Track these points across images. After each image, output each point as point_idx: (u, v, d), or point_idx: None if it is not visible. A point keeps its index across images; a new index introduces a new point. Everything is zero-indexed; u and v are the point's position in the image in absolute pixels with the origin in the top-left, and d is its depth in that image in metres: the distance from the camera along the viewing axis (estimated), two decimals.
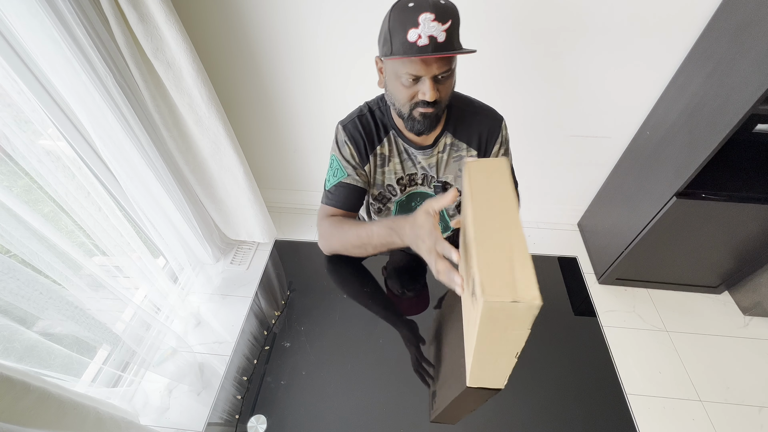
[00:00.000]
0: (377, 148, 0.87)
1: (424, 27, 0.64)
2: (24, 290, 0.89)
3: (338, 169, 0.88)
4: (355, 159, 0.87)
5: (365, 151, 0.87)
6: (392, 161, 0.89)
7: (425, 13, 0.63)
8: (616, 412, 0.67)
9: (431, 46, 0.65)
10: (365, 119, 0.86)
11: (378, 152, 0.88)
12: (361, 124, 0.85)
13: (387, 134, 0.87)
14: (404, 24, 0.65)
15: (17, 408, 0.70)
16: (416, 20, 0.64)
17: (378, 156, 0.88)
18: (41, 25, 0.95)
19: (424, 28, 0.64)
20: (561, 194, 1.92)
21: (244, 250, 1.93)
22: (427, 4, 0.64)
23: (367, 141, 0.86)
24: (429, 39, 0.64)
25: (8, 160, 1.00)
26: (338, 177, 0.87)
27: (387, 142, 0.87)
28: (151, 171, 1.33)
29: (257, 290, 0.87)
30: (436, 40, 0.65)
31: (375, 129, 0.86)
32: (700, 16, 1.24)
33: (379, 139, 0.87)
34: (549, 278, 0.89)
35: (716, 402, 1.42)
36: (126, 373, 1.37)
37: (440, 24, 0.64)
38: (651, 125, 1.50)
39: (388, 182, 0.91)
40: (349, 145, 0.86)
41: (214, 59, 1.49)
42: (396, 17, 0.66)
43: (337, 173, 0.88)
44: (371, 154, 0.88)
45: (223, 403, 0.69)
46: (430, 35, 0.64)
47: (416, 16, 0.64)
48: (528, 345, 0.76)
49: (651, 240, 1.48)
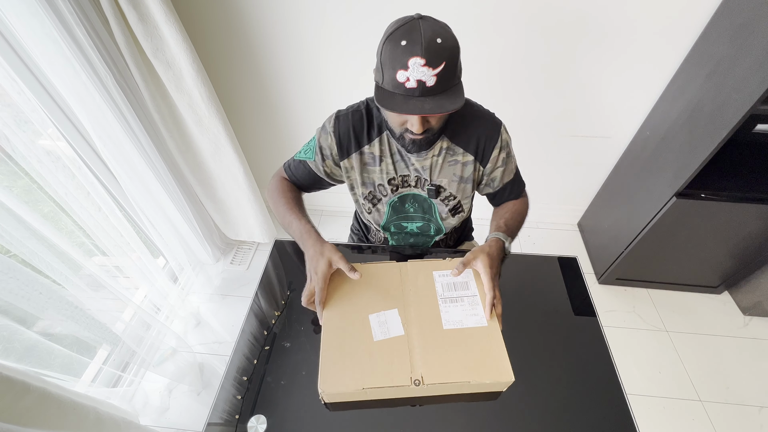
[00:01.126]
0: (364, 147, 0.86)
1: (413, 71, 0.61)
2: (24, 290, 0.89)
3: (310, 149, 0.90)
4: (332, 150, 0.87)
5: (347, 148, 0.86)
6: (384, 161, 0.87)
7: (416, 57, 0.60)
8: (616, 412, 0.67)
9: (419, 90, 0.63)
10: (358, 116, 0.85)
11: (366, 151, 0.87)
12: (352, 121, 0.84)
13: (380, 134, 0.85)
14: (394, 63, 0.63)
15: (17, 408, 0.70)
16: (406, 63, 0.61)
17: (365, 155, 0.87)
18: (41, 25, 0.95)
19: (413, 72, 0.61)
20: (561, 194, 1.92)
21: (244, 250, 1.93)
22: (420, 46, 0.60)
23: (353, 139, 0.85)
24: (417, 83, 0.62)
25: (8, 160, 1.00)
26: (306, 156, 0.91)
27: (378, 142, 0.86)
28: (151, 171, 1.33)
29: (257, 290, 0.87)
30: (424, 85, 0.63)
31: (367, 128, 0.85)
32: (700, 17, 1.24)
33: (369, 138, 0.86)
34: (549, 278, 0.89)
35: (716, 402, 1.42)
36: (126, 373, 1.37)
37: (431, 69, 0.61)
38: (651, 125, 1.50)
39: (379, 182, 0.90)
40: (332, 137, 0.85)
41: (214, 59, 1.49)
42: (388, 52, 0.63)
43: (308, 153, 0.91)
44: (355, 152, 0.86)
45: (223, 403, 0.69)
46: (418, 79, 0.62)
47: (406, 58, 0.61)
48: (528, 345, 0.76)
49: (651, 240, 1.48)
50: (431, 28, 0.63)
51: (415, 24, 0.63)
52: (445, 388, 0.65)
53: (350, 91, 1.56)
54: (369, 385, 0.63)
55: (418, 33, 0.61)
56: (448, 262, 0.83)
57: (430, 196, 0.91)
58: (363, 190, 0.92)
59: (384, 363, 0.66)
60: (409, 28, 0.62)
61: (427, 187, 0.90)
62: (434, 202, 0.93)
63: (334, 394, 0.65)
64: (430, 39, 0.61)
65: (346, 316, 0.73)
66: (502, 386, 0.67)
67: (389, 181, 0.90)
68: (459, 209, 0.94)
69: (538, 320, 0.81)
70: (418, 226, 1.00)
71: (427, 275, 0.80)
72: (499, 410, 0.67)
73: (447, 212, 0.95)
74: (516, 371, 0.66)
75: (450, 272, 0.80)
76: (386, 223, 0.99)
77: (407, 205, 0.95)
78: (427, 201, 0.94)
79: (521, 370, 0.68)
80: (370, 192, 0.93)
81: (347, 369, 0.66)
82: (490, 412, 0.67)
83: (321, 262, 0.75)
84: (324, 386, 0.64)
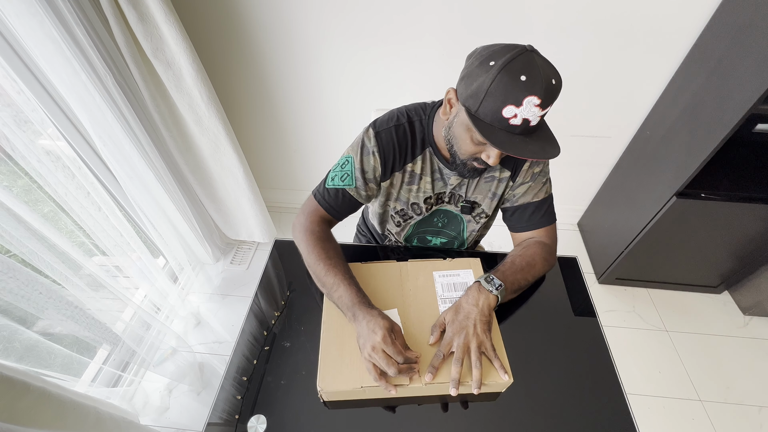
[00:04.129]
0: (408, 165, 0.81)
1: (525, 109, 0.58)
2: (24, 290, 0.89)
3: (348, 174, 0.80)
4: (375, 172, 0.80)
5: (392, 166, 0.80)
6: (423, 179, 0.82)
7: (533, 96, 0.57)
8: (616, 412, 0.67)
9: (521, 128, 0.60)
10: (402, 131, 0.78)
11: (408, 169, 0.81)
12: (396, 136, 0.78)
13: (423, 151, 0.79)
14: (506, 97, 0.58)
15: (17, 408, 0.70)
16: (521, 100, 0.57)
17: (407, 173, 0.82)
18: (41, 25, 0.95)
19: (525, 111, 0.58)
20: (561, 194, 1.90)
21: (244, 250, 1.93)
22: (540, 85, 0.56)
23: (398, 156, 0.79)
24: (522, 121, 0.59)
25: (8, 160, 1.00)
26: (345, 183, 0.80)
27: (421, 160, 0.80)
28: (151, 171, 1.33)
29: (257, 290, 0.87)
30: (528, 123, 0.60)
31: (411, 144, 0.79)
32: (700, 16, 1.24)
33: (413, 155, 0.80)
34: (549, 278, 0.89)
35: (716, 402, 1.42)
36: (126, 373, 1.37)
37: (541, 110, 0.58)
38: (651, 125, 1.50)
39: (414, 200, 0.85)
40: (376, 156, 0.78)
41: (214, 59, 1.49)
42: (501, 83, 0.57)
43: (345, 178, 0.80)
44: (399, 171, 0.81)
45: (223, 403, 0.69)
46: (525, 118, 0.59)
47: (523, 96, 0.57)
48: (528, 345, 0.76)
49: (651, 240, 1.48)
50: (547, 65, 0.59)
51: (532, 58, 0.58)
52: (444, 387, 0.65)
53: (350, 91, 1.56)
54: (368, 384, 0.64)
55: (538, 70, 0.57)
56: (449, 262, 0.83)
57: (464, 212, 0.88)
58: (396, 205, 0.88)
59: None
60: (528, 62, 0.57)
61: (461, 203, 0.86)
62: (464, 219, 0.90)
63: (333, 393, 0.65)
64: (547, 78, 0.58)
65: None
66: (500, 387, 0.67)
67: (425, 200, 0.86)
68: (487, 228, 0.91)
69: (538, 320, 0.81)
70: (443, 241, 0.97)
71: (427, 275, 0.80)
72: (499, 410, 0.67)
73: (476, 230, 0.92)
74: (516, 371, 0.66)
75: (450, 272, 0.80)
76: (410, 235, 0.96)
77: (435, 219, 0.92)
78: (457, 217, 0.90)
79: (521, 370, 0.68)
80: (402, 209, 0.89)
81: (346, 368, 0.66)
82: (490, 412, 0.67)
83: (380, 332, 0.63)
84: (323, 384, 0.64)
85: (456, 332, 0.67)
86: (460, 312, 0.69)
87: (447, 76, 0.90)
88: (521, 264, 0.77)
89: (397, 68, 1.46)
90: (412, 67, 1.45)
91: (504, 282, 0.72)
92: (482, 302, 0.69)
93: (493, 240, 1.33)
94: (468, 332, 0.66)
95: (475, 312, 0.68)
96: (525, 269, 0.77)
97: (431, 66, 1.44)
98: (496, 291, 0.70)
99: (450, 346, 0.66)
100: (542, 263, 0.79)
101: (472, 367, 0.64)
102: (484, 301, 0.69)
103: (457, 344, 0.65)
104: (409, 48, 1.40)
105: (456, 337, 0.66)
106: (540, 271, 0.79)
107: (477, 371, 0.63)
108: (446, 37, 1.36)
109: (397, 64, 1.45)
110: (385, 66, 1.46)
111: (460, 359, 0.64)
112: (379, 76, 1.49)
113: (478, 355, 0.64)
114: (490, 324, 0.69)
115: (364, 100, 1.59)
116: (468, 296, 0.71)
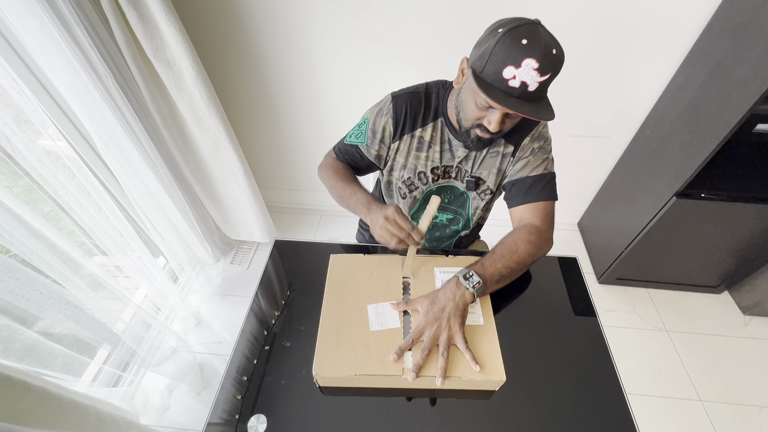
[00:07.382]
0: (417, 130, 0.85)
1: (523, 71, 0.61)
2: (24, 290, 0.89)
3: (362, 133, 0.89)
4: (385, 132, 0.86)
5: (402, 128, 0.85)
6: (432, 148, 0.86)
7: (531, 59, 0.60)
8: (616, 412, 0.67)
9: (519, 91, 0.63)
10: (417, 98, 0.84)
11: (417, 134, 0.86)
12: (410, 101, 0.84)
13: (435, 120, 0.84)
14: (506, 58, 0.62)
15: (17, 408, 0.70)
16: (520, 61, 0.61)
17: (416, 138, 0.86)
18: (41, 24, 0.95)
19: (523, 73, 0.61)
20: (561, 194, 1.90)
21: (244, 250, 1.93)
22: (539, 50, 0.60)
23: (408, 119, 0.84)
24: (521, 84, 0.63)
25: (8, 160, 1.00)
26: (358, 140, 0.90)
27: (431, 128, 0.85)
28: (151, 171, 1.33)
29: (257, 290, 0.87)
30: (526, 87, 0.63)
31: (424, 111, 0.84)
32: (700, 16, 1.24)
33: (424, 121, 0.85)
34: (549, 278, 0.89)
35: (716, 402, 1.42)
36: (126, 372, 1.37)
37: (539, 75, 0.62)
38: (651, 125, 1.50)
39: (421, 169, 0.89)
40: (388, 117, 0.85)
41: (214, 59, 1.49)
42: (504, 45, 0.62)
43: (359, 137, 0.90)
44: (408, 134, 0.86)
45: (223, 403, 0.69)
46: (523, 81, 0.62)
47: (522, 57, 0.61)
48: (528, 345, 0.76)
49: (651, 240, 1.48)
50: (550, 37, 0.63)
51: (537, 28, 0.63)
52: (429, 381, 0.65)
53: (350, 90, 1.57)
54: (362, 372, 0.65)
55: (540, 37, 0.61)
56: (450, 259, 0.83)
57: (469, 188, 0.91)
58: (403, 173, 0.91)
59: (378, 352, 0.67)
60: (532, 30, 0.62)
61: (467, 178, 0.89)
62: (470, 196, 0.93)
63: (328, 378, 0.66)
64: (548, 46, 0.61)
65: (345, 304, 0.75)
66: (493, 385, 0.67)
67: (432, 170, 0.89)
68: (488, 209, 0.93)
69: (538, 320, 0.81)
70: (449, 218, 0.99)
71: (428, 270, 0.80)
72: (499, 410, 0.67)
73: (480, 208, 0.95)
74: (516, 371, 0.66)
75: (451, 269, 0.80)
76: (417, 211, 0.98)
77: (442, 195, 0.95)
78: (464, 195, 0.93)
79: (521, 369, 0.68)
80: (409, 178, 0.92)
81: (342, 355, 0.67)
82: (490, 411, 0.67)
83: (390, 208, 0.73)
84: (318, 369, 0.66)
85: (429, 323, 0.69)
86: (436, 304, 0.71)
87: (446, 75, 0.91)
88: (501, 252, 0.77)
89: (397, 68, 1.46)
90: (412, 68, 1.45)
91: (483, 275, 0.72)
92: (458, 298, 0.70)
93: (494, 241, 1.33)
94: (441, 324, 0.68)
95: (451, 306, 0.69)
96: (506, 256, 0.76)
97: (431, 66, 1.44)
98: (472, 289, 0.71)
99: (420, 334, 0.68)
100: (525, 246, 0.78)
101: (438, 357, 0.66)
102: (459, 298, 0.70)
103: (428, 335, 0.68)
104: (409, 48, 1.40)
105: (428, 328, 0.68)
106: (524, 254, 0.77)
107: (443, 360, 0.65)
108: (445, 38, 1.36)
109: (397, 64, 1.45)
110: (385, 66, 1.46)
111: (426, 348, 0.66)
112: (379, 76, 1.49)
113: (446, 347, 0.66)
114: (464, 318, 0.70)
115: (364, 101, 1.59)
116: (446, 289, 0.72)
